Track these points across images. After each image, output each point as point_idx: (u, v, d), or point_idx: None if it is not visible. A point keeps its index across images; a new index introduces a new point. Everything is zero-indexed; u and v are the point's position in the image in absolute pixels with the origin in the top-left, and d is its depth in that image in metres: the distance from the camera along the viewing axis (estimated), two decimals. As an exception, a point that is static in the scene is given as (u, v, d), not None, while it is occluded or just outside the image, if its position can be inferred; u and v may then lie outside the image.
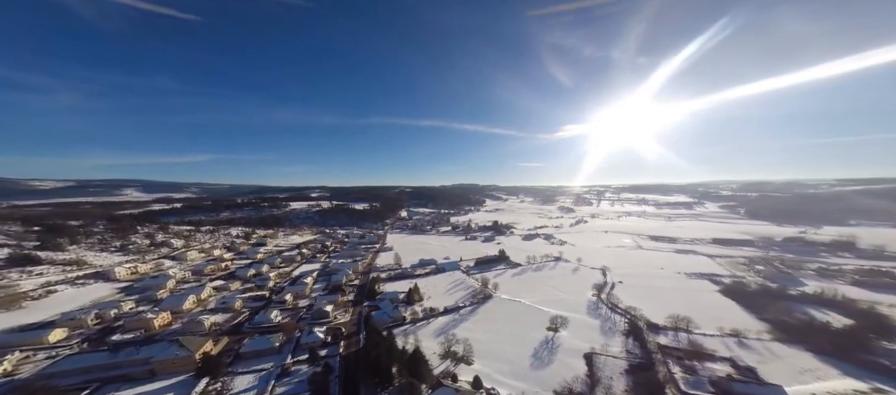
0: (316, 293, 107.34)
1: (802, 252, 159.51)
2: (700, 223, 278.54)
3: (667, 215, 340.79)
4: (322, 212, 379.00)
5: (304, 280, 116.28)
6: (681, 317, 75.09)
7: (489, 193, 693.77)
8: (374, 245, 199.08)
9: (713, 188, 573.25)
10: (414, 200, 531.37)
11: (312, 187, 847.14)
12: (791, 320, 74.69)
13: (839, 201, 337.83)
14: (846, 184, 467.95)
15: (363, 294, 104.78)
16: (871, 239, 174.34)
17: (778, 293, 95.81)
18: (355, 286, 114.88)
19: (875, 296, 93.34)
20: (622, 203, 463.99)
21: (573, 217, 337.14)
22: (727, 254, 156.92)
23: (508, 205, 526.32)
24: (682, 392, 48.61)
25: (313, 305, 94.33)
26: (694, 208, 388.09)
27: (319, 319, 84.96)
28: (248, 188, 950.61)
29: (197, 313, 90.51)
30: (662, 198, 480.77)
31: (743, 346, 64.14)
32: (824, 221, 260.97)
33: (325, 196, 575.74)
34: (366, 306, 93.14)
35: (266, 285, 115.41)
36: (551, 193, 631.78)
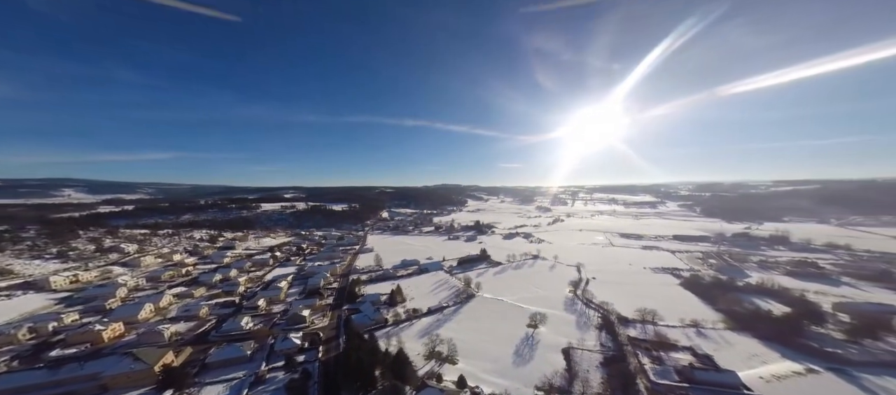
0: (291, 298, 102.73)
1: (747, 246, 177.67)
2: (663, 221, 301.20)
3: (634, 214, 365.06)
4: (297, 213, 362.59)
5: (277, 285, 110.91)
6: (647, 310, 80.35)
7: (471, 193, 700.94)
8: (354, 247, 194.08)
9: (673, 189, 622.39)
10: (395, 200, 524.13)
11: (286, 188, 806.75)
12: (740, 309, 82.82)
13: (775, 200, 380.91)
14: (780, 185, 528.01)
15: (342, 297, 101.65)
16: (800, 233, 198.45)
17: (728, 285, 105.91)
18: (334, 289, 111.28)
19: (804, 284, 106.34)
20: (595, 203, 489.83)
21: (550, 216, 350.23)
22: (686, 249, 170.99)
23: (489, 205, 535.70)
24: (652, 382, 52.33)
25: (289, 310, 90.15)
26: (657, 207, 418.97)
27: (296, 324, 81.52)
28: (214, 189, 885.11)
29: (155, 322, 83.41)
30: (630, 198, 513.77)
31: (701, 335, 70.26)
32: (764, 217, 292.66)
33: (301, 197, 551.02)
34: (346, 310, 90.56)
35: (235, 291, 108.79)
36: (530, 193, 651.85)
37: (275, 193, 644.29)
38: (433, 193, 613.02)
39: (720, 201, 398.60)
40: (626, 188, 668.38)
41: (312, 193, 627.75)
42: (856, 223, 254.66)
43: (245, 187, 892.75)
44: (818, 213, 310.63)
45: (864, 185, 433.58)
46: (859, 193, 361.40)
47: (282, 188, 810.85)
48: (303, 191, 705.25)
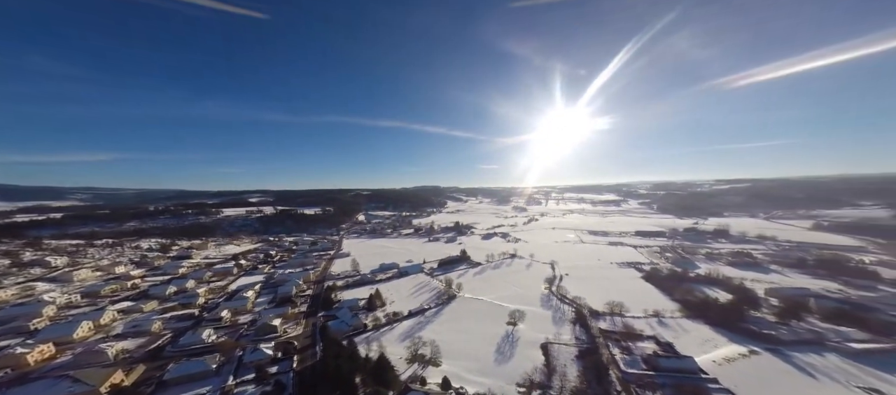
0: (260, 307, 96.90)
1: (696, 240, 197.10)
2: (625, 218, 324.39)
3: (601, 212, 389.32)
4: (264, 218, 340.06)
5: (243, 294, 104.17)
6: (615, 303, 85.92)
7: (450, 194, 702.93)
8: (328, 252, 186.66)
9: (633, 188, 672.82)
10: (372, 203, 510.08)
11: (252, 191, 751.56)
12: (692, 298, 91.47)
13: (717, 197, 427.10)
14: (721, 184, 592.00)
15: (317, 304, 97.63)
16: (737, 227, 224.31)
17: (682, 277, 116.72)
18: (308, 297, 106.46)
19: (742, 273, 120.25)
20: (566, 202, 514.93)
21: (525, 216, 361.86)
22: (646, 244, 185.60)
23: (468, 206, 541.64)
24: (622, 372, 56.09)
25: (257, 320, 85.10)
26: (620, 205, 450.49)
27: (266, 334, 77.13)
28: (165, 193, 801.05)
29: (95, 341, 74.85)
30: (596, 197, 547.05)
31: (662, 324, 76.58)
32: (708, 213, 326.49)
33: (268, 201, 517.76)
34: (321, 317, 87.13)
35: (194, 303, 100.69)
36: (506, 193, 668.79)
37: (239, 197, 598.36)
38: (412, 195, 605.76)
39: (673, 199, 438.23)
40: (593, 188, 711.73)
41: (281, 197, 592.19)
42: (778, 217, 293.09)
43: (203, 191, 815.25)
44: (749, 208, 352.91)
45: (784, 183, 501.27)
46: (780, 191, 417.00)
47: (247, 192, 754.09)
48: (270, 194, 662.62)
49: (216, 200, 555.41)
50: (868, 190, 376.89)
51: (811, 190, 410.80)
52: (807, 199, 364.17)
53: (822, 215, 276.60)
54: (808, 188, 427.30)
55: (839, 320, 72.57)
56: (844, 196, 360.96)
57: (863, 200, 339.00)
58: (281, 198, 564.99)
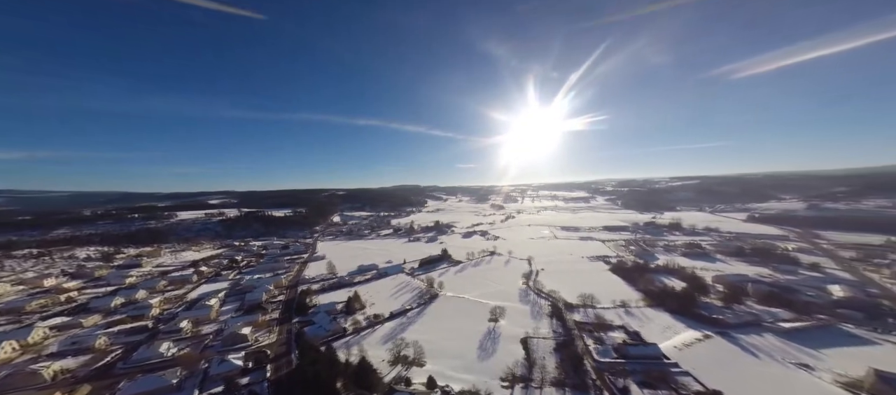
0: (226, 316, 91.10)
1: (655, 233, 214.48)
2: (594, 214, 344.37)
3: (572, 209, 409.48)
4: (227, 221, 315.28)
5: (206, 302, 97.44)
6: (587, 295, 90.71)
7: (431, 193, 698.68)
8: (301, 255, 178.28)
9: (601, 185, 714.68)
10: (348, 203, 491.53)
11: (211, 193, 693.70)
12: (653, 288, 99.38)
13: (672, 193, 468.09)
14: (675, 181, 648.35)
15: (291, 310, 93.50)
16: (689, 220, 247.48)
17: (644, 268, 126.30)
18: (280, 303, 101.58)
19: (694, 263, 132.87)
20: (540, 199, 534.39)
21: (503, 214, 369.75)
22: (612, 238, 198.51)
23: (448, 205, 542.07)
24: (596, 361, 59.67)
25: (224, 329, 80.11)
26: (589, 202, 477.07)
27: (234, 344, 72.73)
28: (106, 196, 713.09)
29: (24, 362, 66.63)
30: (568, 194, 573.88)
31: (629, 314, 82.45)
32: (664, 208, 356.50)
33: (231, 202, 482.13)
34: (296, 323, 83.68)
35: (146, 315, 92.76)
36: (485, 192, 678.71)
37: (196, 199, 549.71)
38: (391, 195, 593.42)
39: (635, 196, 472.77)
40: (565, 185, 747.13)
41: (247, 198, 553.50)
42: (721, 210, 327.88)
43: (154, 193, 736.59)
44: (698, 202, 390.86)
45: (725, 180, 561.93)
46: (722, 187, 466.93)
47: (206, 193, 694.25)
48: (234, 196, 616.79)
49: (169, 202, 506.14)
50: (788, 186, 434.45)
51: (745, 186, 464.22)
52: (742, 194, 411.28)
53: (753, 208, 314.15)
54: (743, 184, 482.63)
55: (771, 302, 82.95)
56: (770, 191, 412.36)
57: (784, 194, 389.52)
58: (246, 199, 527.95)
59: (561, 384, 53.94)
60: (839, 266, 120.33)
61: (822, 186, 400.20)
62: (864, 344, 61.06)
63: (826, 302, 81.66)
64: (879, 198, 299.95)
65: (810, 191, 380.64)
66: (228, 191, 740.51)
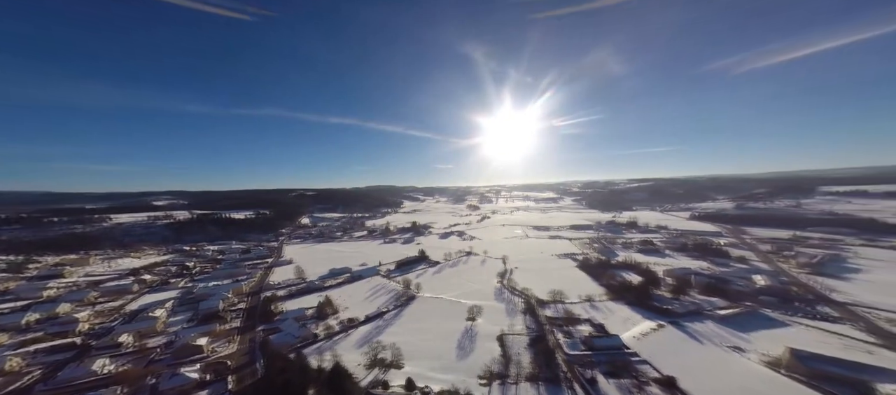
0: (176, 327, 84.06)
1: (615, 231, 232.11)
2: (563, 214, 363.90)
3: (542, 209, 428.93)
4: (177, 224, 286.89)
5: (150, 313, 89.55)
6: (557, 291, 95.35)
7: (407, 194, 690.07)
8: (265, 260, 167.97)
9: (568, 186, 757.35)
10: (319, 204, 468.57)
11: (157, 193, 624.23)
12: (614, 282, 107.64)
13: (629, 194, 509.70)
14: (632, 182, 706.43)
15: (255, 318, 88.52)
16: (643, 219, 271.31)
17: (606, 264, 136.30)
18: (241, 311, 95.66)
19: (648, 258, 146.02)
20: (513, 200, 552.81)
21: (479, 214, 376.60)
22: (578, 236, 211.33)
23: (426, 205, 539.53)
24: (567, 354, 63.47)
25: (174, 341, 74.02)
26: (558, 202, 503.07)
27: (187, 356, 67.47)
28: (23, 196, 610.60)
29: None
30: (538, 194, 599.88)
31: (594, 308, 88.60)
32: (623, 208, 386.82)
33: (181, 204, 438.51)
34: (261, 331, 79.35)
35: (72, 330, 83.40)
36: (462, 192, 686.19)
37: (138, 200, 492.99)
38: (365, 195, 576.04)
39: (598, 196, 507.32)
40: (536, 186, 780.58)
41: (200, 199, 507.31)
42: (669, 210, 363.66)
43: (84, 194, 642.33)
44: (651, 202, 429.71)
45: (675, 182, 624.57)
46: (672, 188, 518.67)
47: (150, 193, 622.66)
48: (184, 196, 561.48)
49: (104, 203, 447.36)
50: (722, 187, 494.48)
51: (690, 187, 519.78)
52: (687, 194, 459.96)
53: (695, 208, 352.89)
54: (688, 186, 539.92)
55: (709, 292, 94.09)
56: (709, 192, 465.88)
57: (719, 195, 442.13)
58: (200, 200, 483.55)
59: (535, 379, 56.59)
60: (759, 258, 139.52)
61: (746, 188, 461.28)
62: (780, 326, 71.74)
63: (751, 290, 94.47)
64: (787, 199, 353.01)
65: (738, 192, 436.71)
66: (178, 191, 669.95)
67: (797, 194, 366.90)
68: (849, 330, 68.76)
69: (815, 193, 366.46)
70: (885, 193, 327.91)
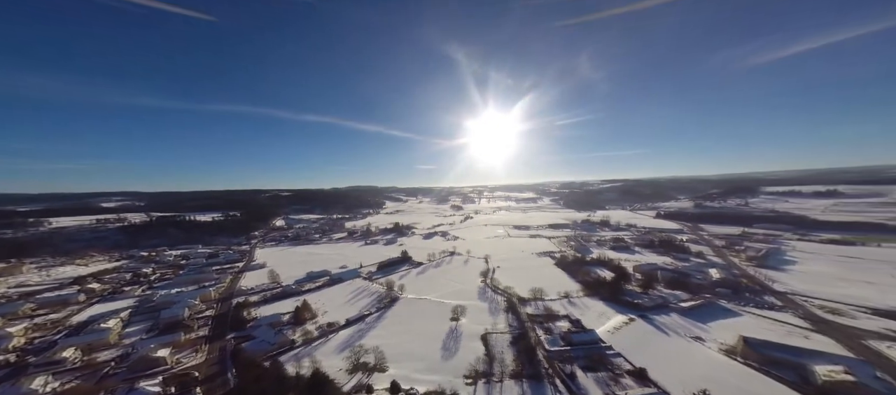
0: (133, 338, 78.60)
1: (589, 229, 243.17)
2: (542, 213, 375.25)
3: (523, 208, 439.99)
4: (131, 228, 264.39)
5: (100, 325, 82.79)
6: (537, 289, 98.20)
7: (389, 194, 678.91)
8: (236, 264, 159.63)
9: (547, 187, 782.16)
10: (295, 205, 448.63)
11: (108, 194, 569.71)
12: (589, 279, 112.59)
13: (602, 194, 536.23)
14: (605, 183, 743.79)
15: (224, 325, 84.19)
16: (615, 218, 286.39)
17: (582, 261, 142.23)
18: (209, 318, 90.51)
19: (620, 255, 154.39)
20: (495, 200, 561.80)
21: (462, 215, 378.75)
22: (556, 235, 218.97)
23: (408, 206, 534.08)
24: (547, 350, 65.49)
25: (131, 353, 69.01)
26: (537, 202, 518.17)
27: (147, 368, 62.86)
28: None
29: None
30: (520, 195, 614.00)
31: (571, 304, 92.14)
32: (597, 207, 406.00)
33: (136, 205, 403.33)
34: (232, 339, 75.50)
35: (4, 347, 76.59)
36: (445, 193, 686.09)
37: (84, 202, 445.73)
38: (345, 196, 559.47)
39: (574, 196, 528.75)
40: (516, 187, 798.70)
41: (159, 201, 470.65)
42: (638, 208, 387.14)
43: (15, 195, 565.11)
44: (621, 202, 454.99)
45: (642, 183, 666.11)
46: (640, 188, 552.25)
47: (100, 194, 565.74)
48: (140, 197, 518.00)
49: (39, 205, 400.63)
50: (682, 187, 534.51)
51: (655, 188, 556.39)
52: (652, 194, 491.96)
53: (659, 206, 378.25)
54: (654, 186, 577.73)
55: (673, 285, 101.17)
56: (671, 192, 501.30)
57: (680, 194, 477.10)
58: (159, 202, 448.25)
59: (519, 376, 57.86)
60: (714, 253, 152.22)
61: (703, 189, 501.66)
62: (734, 316, 78.70)
63: (708, 283, 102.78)
64: (737, 198, 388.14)
65: (696, 192, 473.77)
66: (132, 192, 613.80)
67: (745, 194, 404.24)
68: (789, 317, 76.82)
69: (759, 193, 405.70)
70: (814, 193, 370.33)
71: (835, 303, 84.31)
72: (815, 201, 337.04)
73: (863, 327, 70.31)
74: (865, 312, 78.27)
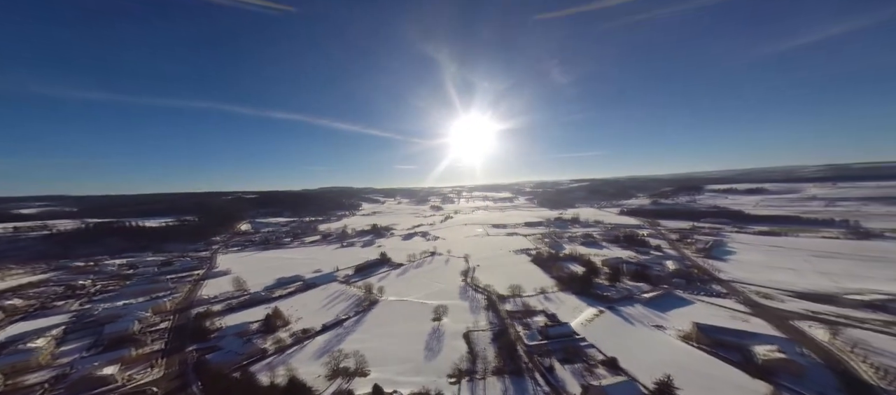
0: (72, 357, 71.49)
1: (561, 227, 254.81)
2: (518, 212, 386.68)
3: (500, 208, 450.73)
4: (58, 236, 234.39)
5: (26, 344, 74.54)
6: (515, 286, 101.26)
7: (365, 195, 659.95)
8: (194, 272, 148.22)
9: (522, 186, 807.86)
10: (262, 208, 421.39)
11: (25, 199, 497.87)
12: (563, 274, 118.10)
13: (572, 193, 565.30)
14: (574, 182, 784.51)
15: (184, 337, 78.59)
16: (584, 215, 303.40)
17: (555, 257, 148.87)
18: (165, 331, 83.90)
19: (589, 250, 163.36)
20: (474, 200, 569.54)
21: (442, 215, 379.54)
22: (531, 233, 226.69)
23: (386, 207, 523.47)
24: (526, 345, 67.55)
25: (69, 374, 62.55)
26: (513, 201, 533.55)
27: (91, 388, 57.87)
28: None
29: None
30: (497, 194, 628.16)
31: (547, 299, 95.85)
32: (568, 205, 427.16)
33: (66, 212, 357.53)
34: (194, 351, 70.70)
35: None
36: (425, 193, 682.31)
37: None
38: (317, 197, 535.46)
39: (547, 195, 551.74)
40: (493, 187, 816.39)
41: (95, 205, 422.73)
42: (605, 206, 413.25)
43: None
44: (589, 200, 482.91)
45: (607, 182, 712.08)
46: (605, 187, 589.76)
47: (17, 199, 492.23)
48: (69, 202, 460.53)
49: None
50: (641, 186, 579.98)
51: (618, 186, 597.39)
52: (616, 193, 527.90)
53: (621, 204, 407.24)
54: (617, 185, 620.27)
55: (636, 278, 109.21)
56: (632, 190, 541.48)
57: (639, 192, 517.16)
58: (94, 207, 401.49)
59: (501, 372, 59.04)
60: (670, 246, 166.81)
61: (657, 187, 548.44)
62: (688, 304, 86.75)
63: (665, 274, 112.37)
64: (686, 195, 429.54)
65: (652, 190, 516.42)
66: (59, 196, 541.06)
67: (693, 192, 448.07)
68: (732, 303, 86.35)
69: (704, 191, 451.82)
70: (747, 190, 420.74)
71: (766, 288, 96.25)
72: (748, 197, 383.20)
73: (788, 309, 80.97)
74: (790, 295, 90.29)
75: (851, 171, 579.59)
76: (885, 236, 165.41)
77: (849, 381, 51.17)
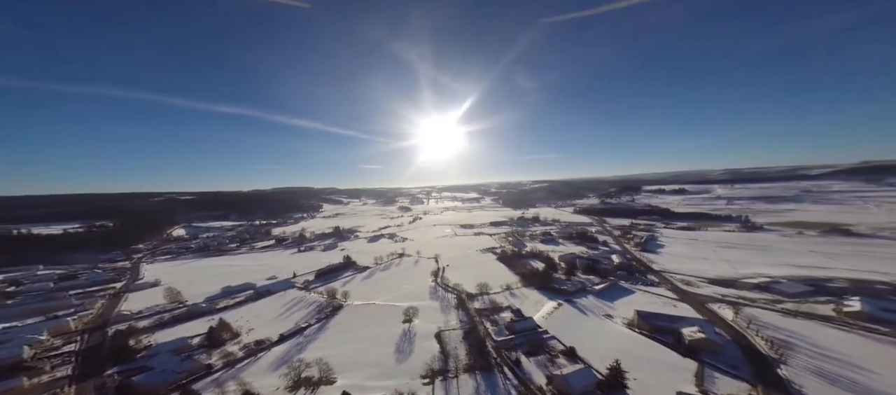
0: None
1: (524, 225, 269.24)
2: (484, 212, 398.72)
3: (468, 208, 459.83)
4: None
5: None
6: (483, 284, 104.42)
7: (327, 196, 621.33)
8: (111, 285, 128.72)
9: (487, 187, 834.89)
10: (199, 211, 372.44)
11: None
12: (525, 271, 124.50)
13: (533, 193, 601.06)
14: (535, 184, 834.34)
15: (100, 359, 68.67)
16: (544, 214, 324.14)
17: (519, 255, 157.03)
18: (73, 354, 72.93)
19: (548, 247, 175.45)
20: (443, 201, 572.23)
21: (411, 216, 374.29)
22: (497, 232, 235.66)
23: (350, 208, 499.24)
24: (495, 341, 70.30)
25: None
26: (480, 202, 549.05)
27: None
28: None
29: None
30: (464, 195, 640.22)
31: (513, 295, 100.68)
32: (529, 205, 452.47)
33: None
34: (115, 374, 61.87)
35: None
36: (392, 194, 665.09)
37: None
38: (270, 199, 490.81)
39: (511, 196, 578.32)
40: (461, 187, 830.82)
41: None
42: (561, 205, 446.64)
43: None
44: (548, 200, 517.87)
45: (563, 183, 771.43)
46: (562, 188, 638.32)
47: None
48: None
49: None
50: (590, 187, 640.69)
51: (572, 187, 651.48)
52: (570, 193, 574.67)
53: (575, 203, 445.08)
54: (570, 186, 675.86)
55: (588, 271, 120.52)
56: (583, 191, 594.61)
57: (589, 193, 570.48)
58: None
59: (472, 369, 60.61)
60: (614, 241, 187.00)
61: (604, 188, 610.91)
62: (630, 294, 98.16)
63: (612, 267, 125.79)
64: (627, 195, 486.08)
65: (600, 191, 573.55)
66: None
67: (632, 193, 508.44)
68: (664, 291, 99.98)
69: (641, 191, 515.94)
70: (672, 191, 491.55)
71: (688, 276, 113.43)
72: (674, 197, 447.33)
73: (704, 293, 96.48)
74: (704, 281, 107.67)
75: (743, 174, 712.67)
76: (765, 229, 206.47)
77: (750, 354, 62.67)
